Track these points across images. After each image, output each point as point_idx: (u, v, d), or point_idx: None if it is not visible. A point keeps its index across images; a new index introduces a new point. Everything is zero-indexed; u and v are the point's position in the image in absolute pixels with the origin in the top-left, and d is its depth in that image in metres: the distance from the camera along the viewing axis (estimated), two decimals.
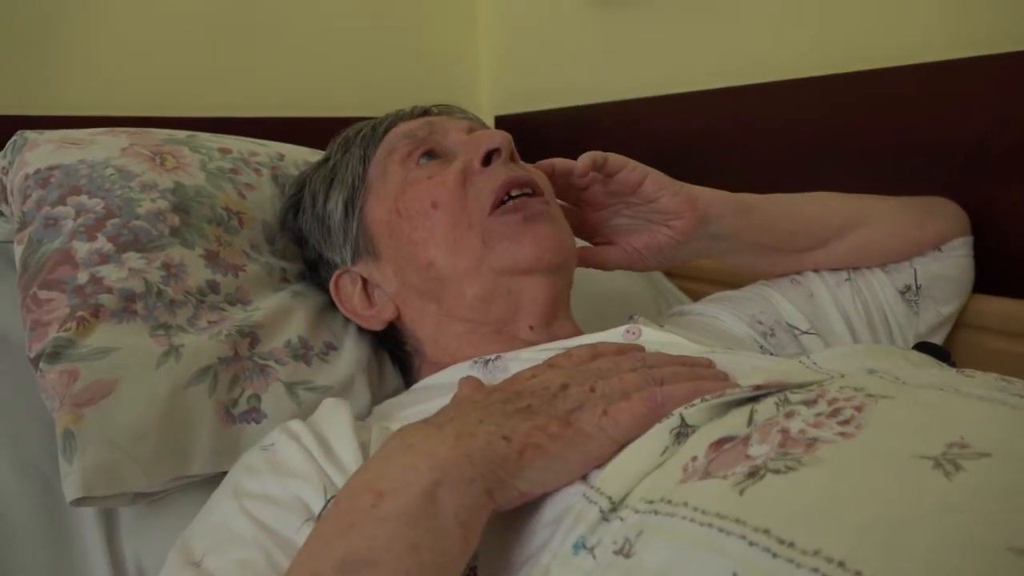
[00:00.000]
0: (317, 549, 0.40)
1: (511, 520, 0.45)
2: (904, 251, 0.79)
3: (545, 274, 0.65)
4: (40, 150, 0.74)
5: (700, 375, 0.50)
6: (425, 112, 0.75)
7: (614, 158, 0.70)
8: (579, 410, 0.46)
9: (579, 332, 0.68)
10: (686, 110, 1.15)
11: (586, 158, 0.69)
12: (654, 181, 0.70)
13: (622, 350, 0.55)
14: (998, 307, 0.80)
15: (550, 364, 0.52)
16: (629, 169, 0.70)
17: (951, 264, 0.80)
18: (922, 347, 0.72)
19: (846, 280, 0.79)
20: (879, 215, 0.78)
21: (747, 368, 0.52)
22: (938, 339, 0.81)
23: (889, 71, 0.88)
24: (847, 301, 0.77)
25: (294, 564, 0.40)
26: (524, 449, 0.44)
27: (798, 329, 0.76)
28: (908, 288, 0.78)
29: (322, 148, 0.83)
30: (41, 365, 0.60)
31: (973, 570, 0.29)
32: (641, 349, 0.57)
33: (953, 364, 0.59)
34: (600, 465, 0.46)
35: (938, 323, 0.80)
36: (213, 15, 1.28)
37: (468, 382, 0.56)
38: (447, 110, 0.77)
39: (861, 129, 0.92)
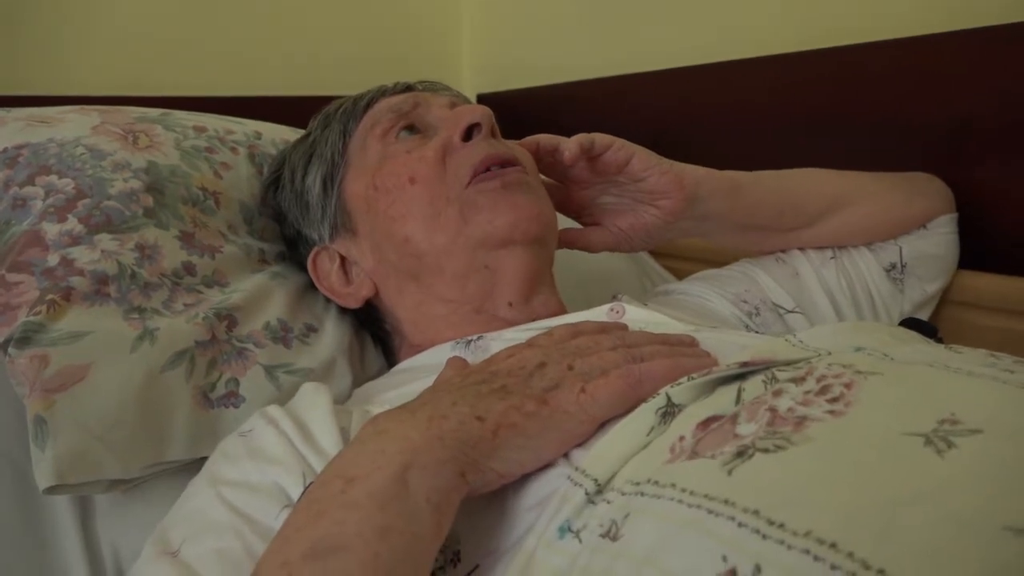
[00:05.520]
0: (288, 537, 0.39)
1: (495, 504, 0.45)
2: (891, 229, 0.78)
3: (523, 247, 0.64)
4: (7, 128, 0.72)
5: (681, 353, 0.50)
6: (408, 88, 0.74)
7: (600, 138, 0.69)
8: (556, 388, 0.46)
9: (563, 310, 0.68)
10: (669, 87, 1.14)
11: (574, 146, 0.67)
12: (641, 160, 0.69)
13: (603, 328, 0.54)
14: (983, 283, 0.80)
15: (529, 344, 0.52)
16: (615, 148, 0.69)
17: (937, 242, 0.79)
18: (909, 323, 0.72)
19: (831, 259, 0.78)
20: (867, 193, 0.77)
21: (733, 346, 0.52)
22: (923, 317, 0.80)
23: (874, 45, 0.87)
24: (832, 279, 0.77)
25: (265, 554, 0.40)
26: (498, 429, 0.43)
27: (783, 308, 0.76)
28: (893, 266, 0.78)
29: (301, 127, 0.81)
30: (10, 350, 0.59)
31: (968, 550, 0.29)
32: (624, 327, 0.56)
33: (940, 340, 0.58)
34: (581, 444, 0.45)
35: (923, 301, 0.80)
36: None
37: (453, 362, 0.55)
38: (431, 86, 0.75)
39: (845, 105, 0.91)
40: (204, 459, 0.57)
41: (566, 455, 0.45)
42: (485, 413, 0.44)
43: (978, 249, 0.81)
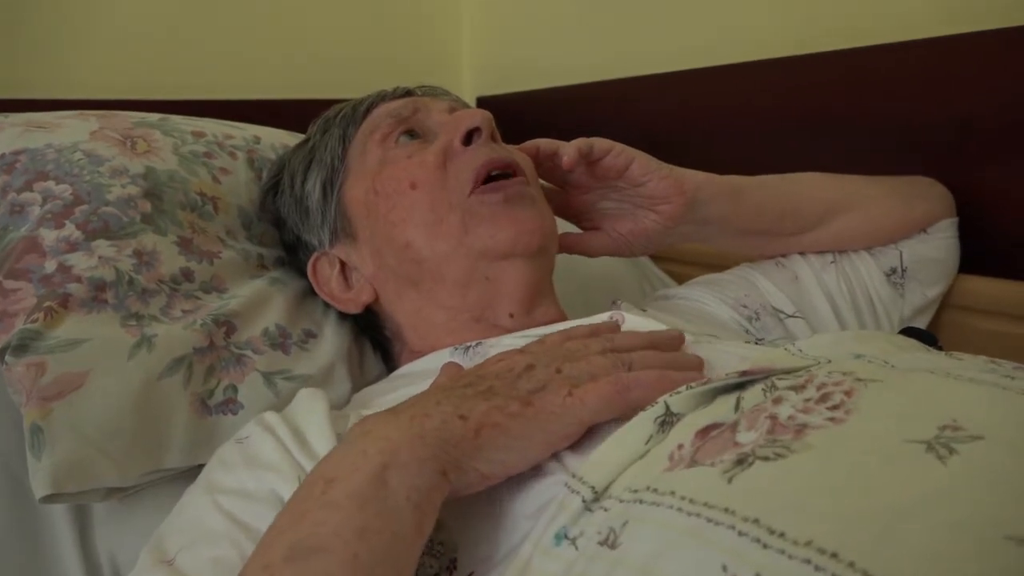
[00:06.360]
0: (270, 540, 0.39)
1: (492, 511, 0.45)
2: (892, 234, 0.78)
3: (524, 259, 0.64)
4: (5, 134, 0.72)
5: (670, 362, 0.50)
6: (408, 92, 0.74)
7: (599, 143, 0.69)
8: (542, 391, 0.46)
9: (564, 317, 0.67)
10: (669, 90, 1.14)
11: (572, 151, 0.67)
12: (641, 165, 0.68)
13: (593, 332, 0.54)
14: (984, 287, 0.80)
15: (521, 349, 0.52)
16: (615, 154, 0.68)
17: (937, 246, 0.79)
18: (908, 332, 0.71)
19: (831, 263, 0.78)
20: (868, 197, 0.77)
21: (732, 356, 0.52)
22: (923, 321, 0.80)
23: (874, 48, 0.87)
24: (832, 284, 0.77)
25: (251, 557, 0.40)
26: (481, 428, 0.43)
27: (783, 313, 0.75)
28: (894, 270, 0.78)
29: (300, 131, 0.81)
30: (7, 358, 0.58)
31: (969, 558, 0.28)
32: (615, 328, 0.56)
33: (940, 348, 0.58)
34: (575, 450, 0.45)
35: (924, 305, 0.79)
36: None
37: (448, 368, 0.55)
38: (430, 91, 0.75)
39: (846, 108, 0.91)
40: (202, 466, 0.57)
41: (561, 461, 0.45)
42: (468, 412, 0.43)
43: (978, 250, 0.81)
